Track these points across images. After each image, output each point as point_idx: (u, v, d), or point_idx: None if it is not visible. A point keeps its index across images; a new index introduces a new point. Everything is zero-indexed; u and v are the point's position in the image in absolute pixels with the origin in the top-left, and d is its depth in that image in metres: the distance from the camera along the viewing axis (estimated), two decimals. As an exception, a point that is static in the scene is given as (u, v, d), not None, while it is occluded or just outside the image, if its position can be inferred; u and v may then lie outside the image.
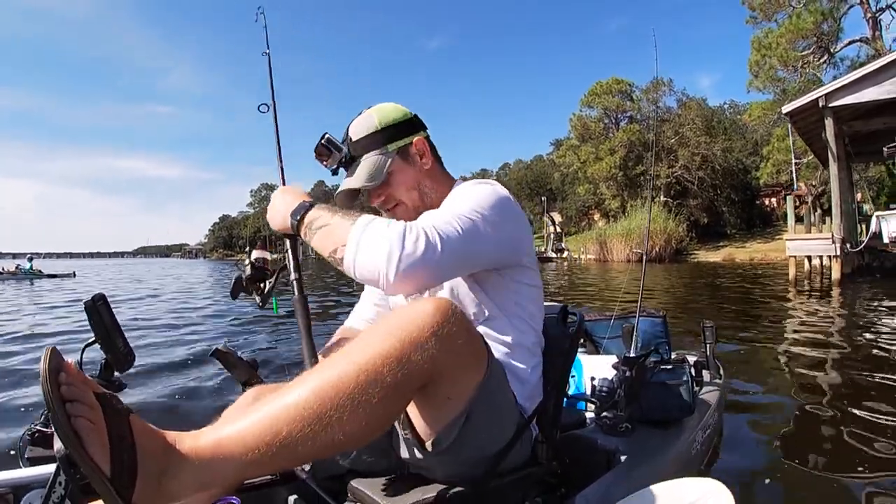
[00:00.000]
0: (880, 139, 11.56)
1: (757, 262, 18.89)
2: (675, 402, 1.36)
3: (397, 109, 1.08)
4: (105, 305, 0.90)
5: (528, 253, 1.03)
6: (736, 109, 32.33)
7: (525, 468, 1.00)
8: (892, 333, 4.41)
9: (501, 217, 0.93)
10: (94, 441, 0.59)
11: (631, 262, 20.63)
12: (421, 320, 0.74)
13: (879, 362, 3.29)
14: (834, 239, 9.62)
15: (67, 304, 8.13)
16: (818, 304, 6.82)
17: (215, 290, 10.95)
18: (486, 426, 0.89)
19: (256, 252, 1.14)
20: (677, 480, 1.02)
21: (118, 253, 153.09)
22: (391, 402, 0.73)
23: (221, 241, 77.54)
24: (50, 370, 0.59)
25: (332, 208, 0.90)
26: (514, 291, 1.01)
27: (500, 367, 0.93)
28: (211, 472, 0.66)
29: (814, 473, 1.71)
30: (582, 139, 30.14)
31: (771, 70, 19.81)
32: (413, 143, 1.06)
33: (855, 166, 15.85)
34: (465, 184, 1.04)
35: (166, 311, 7.14)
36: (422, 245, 0.79)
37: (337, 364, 0.72)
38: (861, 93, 9.68)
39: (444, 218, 0.86)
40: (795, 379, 3.00)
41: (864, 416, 2.24)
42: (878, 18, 19.17)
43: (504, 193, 0.98)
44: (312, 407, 0.68)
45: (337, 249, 0.84)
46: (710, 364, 1.85)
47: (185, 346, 4.28)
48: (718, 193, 26.64)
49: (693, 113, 27.01)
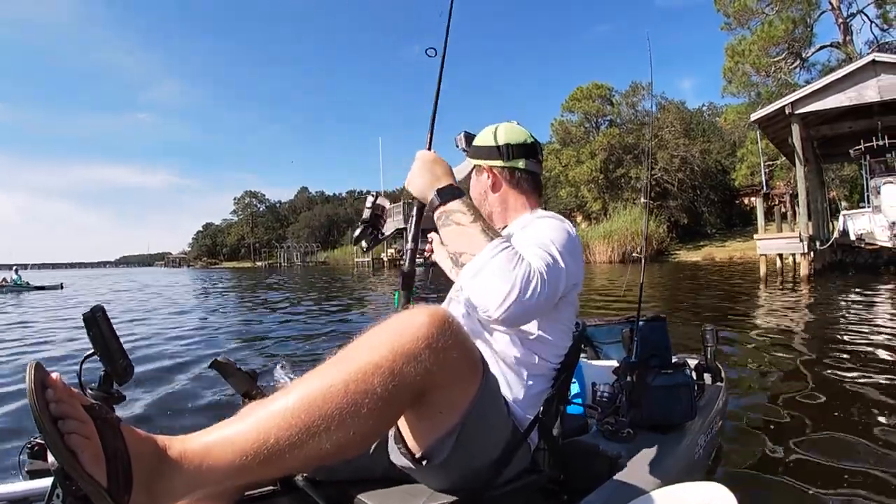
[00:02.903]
0: (847, 142, 12.12)
1: (736, 260, 19.27)
2: (677, 407, 1.36)
3: (491, 135, 1.18)
4: (104, 317, 0.89)
5: (575, 291, 1.06)
6: (714, 111, 32.99)
7: (526, 476, 1.00)
8: (859, 325, 4.69)
9: (572, 258, 0.98)
10: (89, 455, 0.59)
11: (613, 264, 20.87)
12: (415, 331, 0.73)
13: (859, 360, 3.37)
14: (801, 237, 9.99)
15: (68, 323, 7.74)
16: (784, 299, 7.16)
17: (215, 301, 10.75)
18: (479, 440, 0.88)
19: (380, 198, 1.14)
20: (680, 485, 1.02)
21: (101, 263, 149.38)
22: (382, 414, 0.72)
23: (205, 249, 76.33)
24: (36, 387, 0.58)
25: (476, 211, 0.93)
26: (545, 326, 1.02)
27: (494, 381, 0.92)
28: (200, 476, 0.65)
29: (818, 475, 1.69)
30: (563, 143, 30.47)
31: (744, 76, 20.33)
32: (482, 166, 1.19)
33: (830, 166, 16.41)
34: (545, 220, 1.08)
35: (164, 320, 7.00)
36: (535, 294, 0.82)
37: (327, 373, 0.71)
38: (826, 100, 10.26)
39: (546, 260, 0.90)
40: (772, 368, 3.07)
41: (863, 415, 2.26)
42: (849, 23, 19.80)
43: (573, 233, 1.05)
44: (300, 415, 0.67)
45: (463, 255, 0.88)
46: (712, 367, 1.86)
47: (184, 356, 4.19)
48: (698, 194, 27.12)
49: (672, 116, 27.51)
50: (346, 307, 8.41)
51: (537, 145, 1.21)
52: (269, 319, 6.86)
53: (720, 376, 1.85)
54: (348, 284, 15.57)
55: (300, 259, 57.88)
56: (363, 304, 9.15)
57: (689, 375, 1.43)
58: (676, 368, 1.40)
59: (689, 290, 9.27)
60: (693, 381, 1.44)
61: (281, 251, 61.79)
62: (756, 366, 3.34)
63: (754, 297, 7.85)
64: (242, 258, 68.92)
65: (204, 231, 79.84)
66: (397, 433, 0.90)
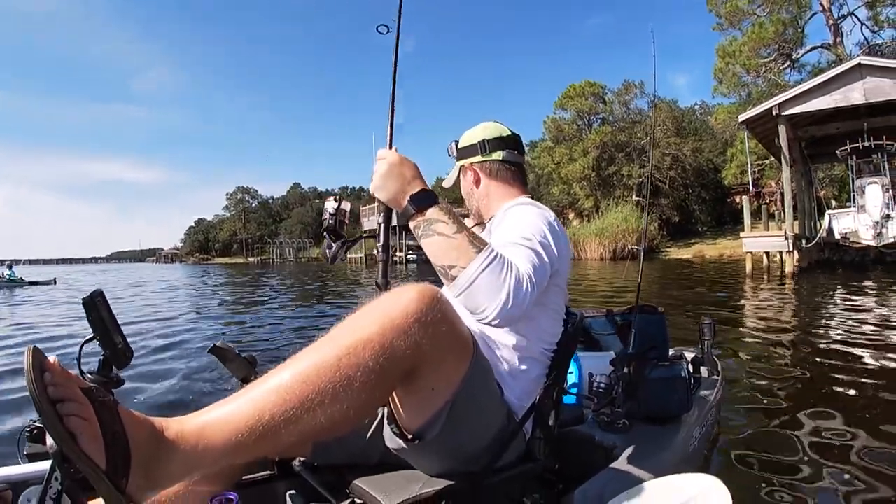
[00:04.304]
0: (834, 142, 12.34)
1: (726, 257, 19.47)
2: (673, 399, 1.38)
3: (473, 134, 1.23)
4: (103, 302, 0.90)
5: (560, 276, 1.06)
6: (707, 110, 33.15)
7: (521, 465, 1.00)
8: (836, 318, 4.92)
9: (553, 244, 0.99)
10: (88, 437, 0.59)
11: (605, 261, 21.00)
12: (405, 306, 0.75)
13: (840, 354, 3.44)
14: (787, 236, 10.16)
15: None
16: (768, 294, 7.46)
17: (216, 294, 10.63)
18: (470, 420, 0.89)
19: (343, 202, 1.10)
20: (675, 476, 1.04)
21: (91, 259, 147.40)
22: (374, 388, 0.73)
23: (197, 244, 75.60)
24: (34, 371, 0.58)
25: (456, 217, 0.89)
26: (530, 310, 1.01)
27: (486, 363, 0.93)
28: (197, 456, 0.66)
29: (812, 469, 1.71)
30: (556, 141, 30.54)
31: (735, 77, 20.50)
32: (466, 165, 1.22)
33: (820, 166, 16.66)
34: (516, 208, 1.10)
35: (163, 308, 6.97)
36: (526, 297, 0.84)
37: (321, 349, 0.73)
38: (812, 102, 10.56)
39: (532, 261, 0.90)
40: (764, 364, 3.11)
41: (855, 408, 2.30)
42: (839, 25, 20.01)
43: (548, 216, 1.05)
44: (295, 391, 0.68)
45: (453, 268, 0.84)
46: (708, 360, 1.87)
47: (183, 341, 4.17)
48: (689, 192, 27.34)
49: (664, 114, 27.67)
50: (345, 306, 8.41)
51: (517, 137, 1.23)
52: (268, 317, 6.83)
53: (717, 369, 1.86)
54: (343, 279, 15.50)
55: (292, 255, 57.56)
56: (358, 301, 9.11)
57: (686, 368, 1.45)
58: (673, 361, 1.42)
59: (680, 286, 9.46)
60: (690, 373, 1.46)
61: (273, 247, 61.42)
62: (747, 358, 3.39)
63: (740, 291, 8.18)
64: (234, 254, 68.35)
65: (196, 227, 79.08)
66: (390, 413, 0.91)
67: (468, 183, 1.23)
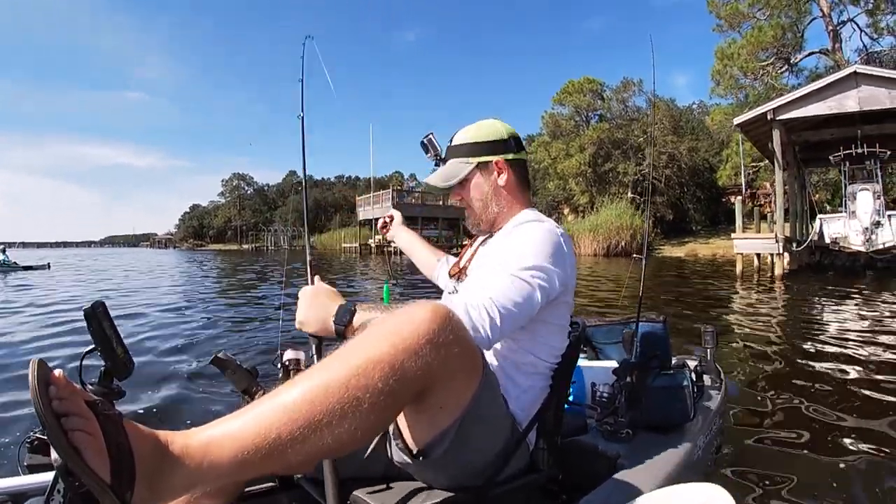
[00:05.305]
0: (829, 148, 12.44)
1: (719, 257, 19.60)
2: (676, 408, 1.38)
3: (495, 128, 1.15)
4: (105, 313, 0.89)
5: (568, 292, 1.05)
6: (704, 110, 33.24)
7: (525, 476, 1.00)
8: (822, 322, 5.01)
9: (554, 262, 0.97)
10: (93, 451, 0.58)
11: (598, 257, 21.09)
12: (417, 326, 0.73)
13: (828, 355, 3.47)
14: (777, 238, 10.27)
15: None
16: (760, 296, 7.55)
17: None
18: (478, 437, 0.88)
19: (290, 353, 1.14)
20: (679, 486, 1.03)
21: (86, 243, 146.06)
22: (383, 409, 0.72)
23: (192, 230, 75.04)
24: (39, 385, 0.57)
25: (377, 305, 0.89)
26: (535, 327, 1.02)
27: (494, 378, 0.93)
28: (202, 472, 0.65)
29: (817, 477, 1.71)
30: (553, 136, 30.52)
31: (732, 79, 20.54)
32: (494, 161, 1.13)
33: (815, 170, 16.81)
34: (524, 227, 1.06)
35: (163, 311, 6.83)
36: (486, 329, 0.85)
37: (329, 368, 0.71)
38: (807, 108, 10.59)
39: (503, 288, 0.90)
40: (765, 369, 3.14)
41: (859, 412, 2.31)
42: (838, 31, 20.04)
43: (556, 236, 1.01)
44: (303, 410, 0.67)
45: None
46: (711, 368, 1.86)
47: (185, 352, 4.11)
48: (685, 191, 27.44)
49: (661, 113, 27.69)
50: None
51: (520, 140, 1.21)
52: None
53: (720, 377, 1.86)
54: (339, 271, 15.44)
55: (287, 243, 57.32)
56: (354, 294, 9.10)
57: (689, 376, 1.45)
58: (676, 369, 1.42)
59: (673, 284, 9.60)
60: (692, 382, 1.46)
61: (268, 234, 61.04)
62: (742, 361, 3.41)
63: (731, 292, 8.34)
64: (229, 240, 67.90)
65: (191, 212, 78.45)
66: (395, 429, 0.90)
67: (490, 182, 1.13)
